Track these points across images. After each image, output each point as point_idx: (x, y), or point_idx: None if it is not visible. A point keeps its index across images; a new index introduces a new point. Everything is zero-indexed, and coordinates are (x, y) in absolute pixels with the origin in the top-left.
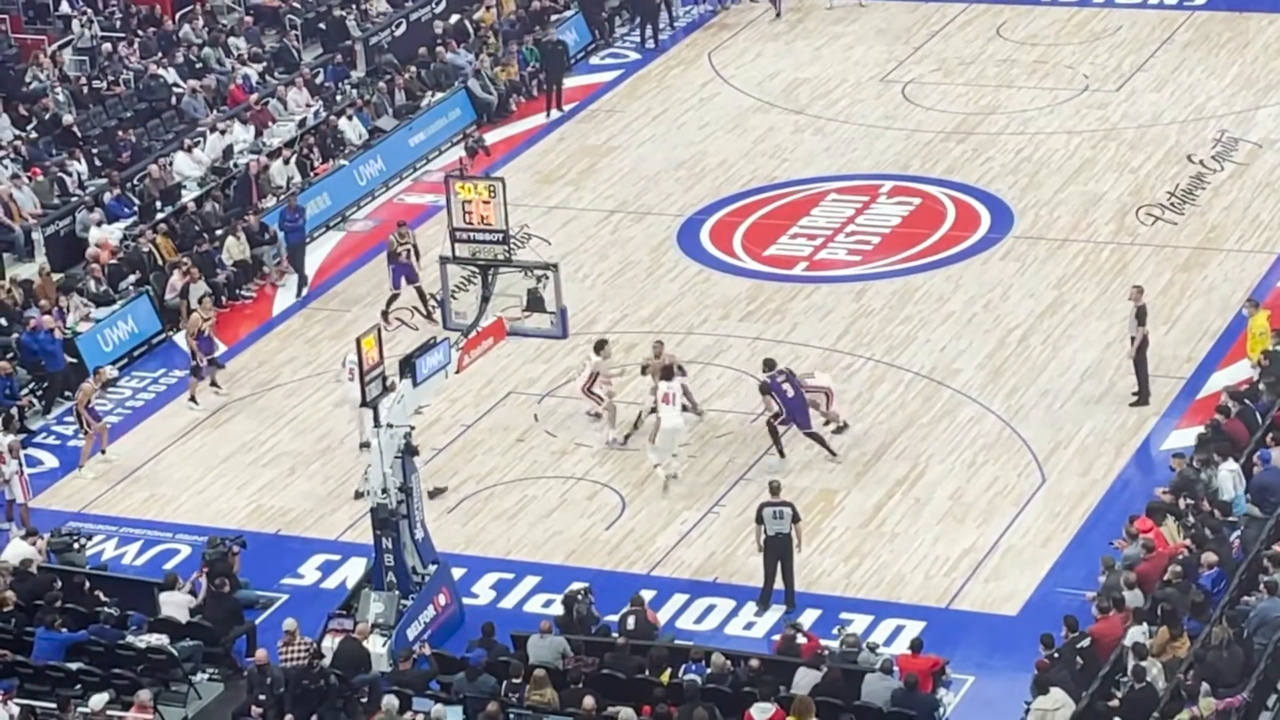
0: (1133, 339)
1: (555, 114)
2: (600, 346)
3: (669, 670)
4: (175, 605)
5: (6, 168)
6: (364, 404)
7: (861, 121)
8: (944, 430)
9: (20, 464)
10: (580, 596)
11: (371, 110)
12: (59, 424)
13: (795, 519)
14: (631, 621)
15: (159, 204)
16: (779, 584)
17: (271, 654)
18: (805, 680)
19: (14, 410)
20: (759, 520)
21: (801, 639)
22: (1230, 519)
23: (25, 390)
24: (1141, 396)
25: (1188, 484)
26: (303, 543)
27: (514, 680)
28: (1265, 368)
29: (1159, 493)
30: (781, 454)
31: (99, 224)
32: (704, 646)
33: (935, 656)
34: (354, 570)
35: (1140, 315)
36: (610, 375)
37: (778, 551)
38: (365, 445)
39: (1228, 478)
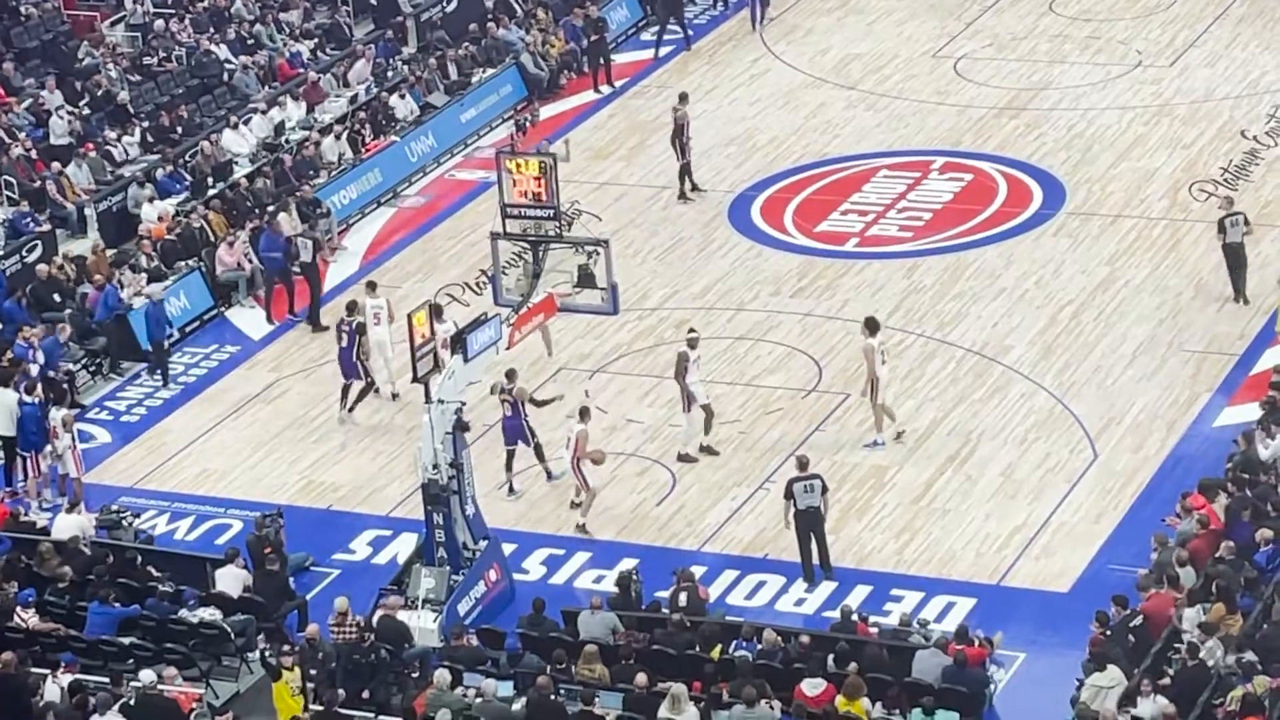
0: (1224, 246)
1: (605, 89)
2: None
3: (719, 646)
4: (232, 578)
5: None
6: (415, 379)
7: (913, 97)
8: (995, 407)
9: (74, 438)
10: (635, 577)
11: (423, 86)
12: (111, 399)
13: (824, 491)
14: (683, 598)
15: (210, 180)
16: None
17: (323, 629)
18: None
19: (65, 386)
20: (788, 496)
21: (854, 619)
22: None
23: (79, 365)
24: (1237, 295)
25: (1249, 463)
26: (354, 518)
27: (559, 667)
28: None
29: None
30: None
31: (151, 200)
32: (755, 623)
33: (982, 649)
34: (405, 546)
35: (1221, 225)
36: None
37: (809, 525)
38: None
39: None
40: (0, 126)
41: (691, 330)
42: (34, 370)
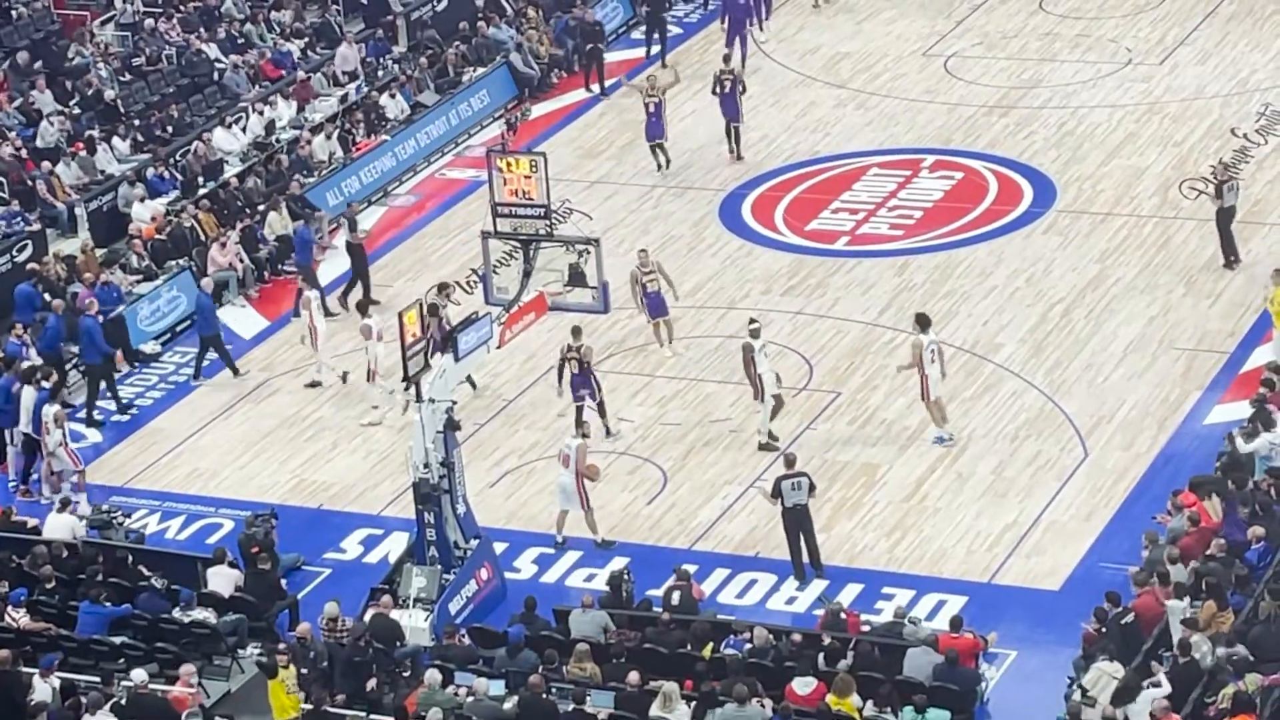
0: (1219, 210)
1: (595, 88)
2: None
3: (711, 644)
4: (224, 578)
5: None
6: (405, 379)
7: (904, 96)
8: (986, 405)
9: (65, 434)
10: (626, 577)
11: (413, 85)
12: (101, 398)
13: (812, 489)
14: (676, 596)
15: (201, 179)
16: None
17: (314, 628)
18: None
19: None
20: (775, 494)
21: (843, 616)
22: None
23: (69, 364)
24: (1228, 261)
25: (1238, 463)
26: (345, 517)
27: (549, 667)
28: None
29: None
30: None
31: (141, 199)
32: (746, 621)
33: (975, 639)
34: (396, 545)
35: (1219, 190)
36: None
37: (797, 522)
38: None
39: (1263, 444)
40: None
41: (753, 320)
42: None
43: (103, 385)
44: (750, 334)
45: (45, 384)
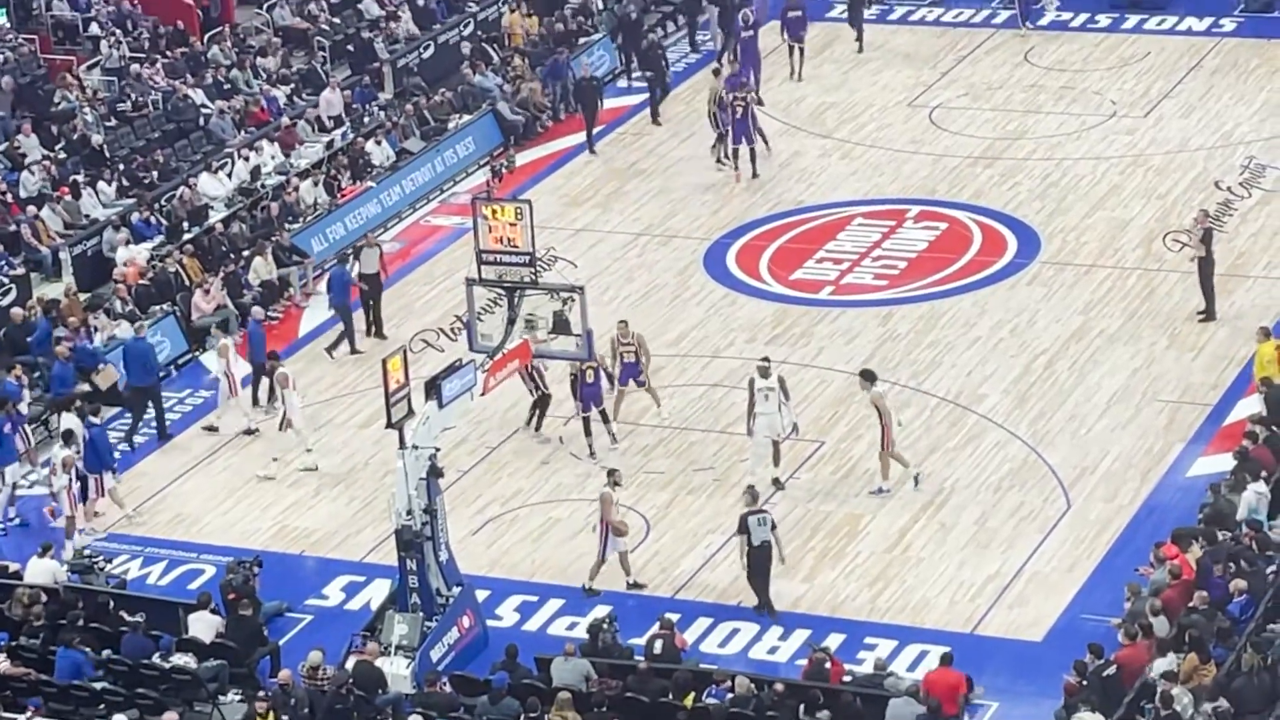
0: (1200, 259)
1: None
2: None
3: (692, 694)
4: (205, 624)
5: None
6: (389, 425)
7: (888, 146)
8: (969, 455)
9: (71, 479)
10: (605, 626)
11: (399, 132)
12: (119, 419)
13: (773, 527)
14: (659, 645)
15: (186, 224)
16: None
17: (295, 675)
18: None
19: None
20: (742, 530)
21: (828, 666)
22: (1269, 553)
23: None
24: (1208, 313)
25: (1220, 515)
26: (327, 564)
27: (531, 715)
28: (1265, 395)
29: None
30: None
31: (126, 244)
32: (728, 670)
33: (960, 678)
34: (378, 592)
35: (1206, 237)
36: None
37: (765, 559)
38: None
39: (1251, 497)
40: None
41: (764, 359)
42: (24, 408)
43: (145, 407)
44: (759, 372)
45: (95, 419)
